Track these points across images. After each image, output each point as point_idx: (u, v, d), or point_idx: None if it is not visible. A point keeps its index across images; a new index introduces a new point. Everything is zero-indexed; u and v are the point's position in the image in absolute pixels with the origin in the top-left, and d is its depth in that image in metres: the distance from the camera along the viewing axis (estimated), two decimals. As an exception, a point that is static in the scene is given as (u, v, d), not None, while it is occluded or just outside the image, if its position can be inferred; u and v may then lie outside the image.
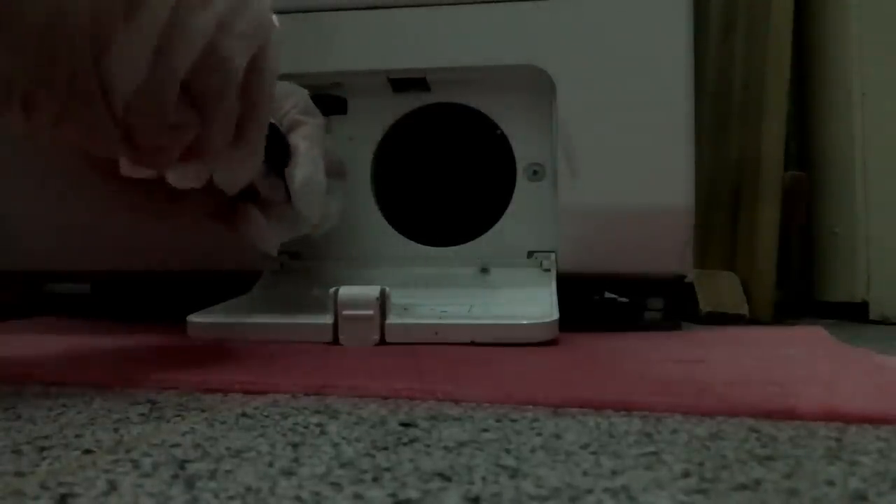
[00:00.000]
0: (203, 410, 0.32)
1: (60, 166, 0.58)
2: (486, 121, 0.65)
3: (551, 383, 0.38)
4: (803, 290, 0.96)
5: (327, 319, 0.50)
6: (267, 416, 0.31)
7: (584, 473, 0.23)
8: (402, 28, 0.61)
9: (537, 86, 0.61)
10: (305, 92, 0.52)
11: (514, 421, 0.30)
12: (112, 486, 0.22)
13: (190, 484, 0.22)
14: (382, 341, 0.50)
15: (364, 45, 0.62)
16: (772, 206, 0.86)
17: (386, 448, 0.26)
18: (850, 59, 0.87)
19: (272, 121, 0.46)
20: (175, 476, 0.23)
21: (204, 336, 0.52)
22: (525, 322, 0.50)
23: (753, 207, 0.87)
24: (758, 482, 0.22)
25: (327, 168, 0.50)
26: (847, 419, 0.30)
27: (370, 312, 0.50)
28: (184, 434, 0.28)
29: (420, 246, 0.65)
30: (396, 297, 0.51)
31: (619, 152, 0.59)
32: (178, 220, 0.47)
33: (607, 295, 0.81)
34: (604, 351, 0.49)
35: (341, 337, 0.50)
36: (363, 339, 0.50)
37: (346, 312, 0.50)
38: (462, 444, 0.27)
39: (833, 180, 0.91)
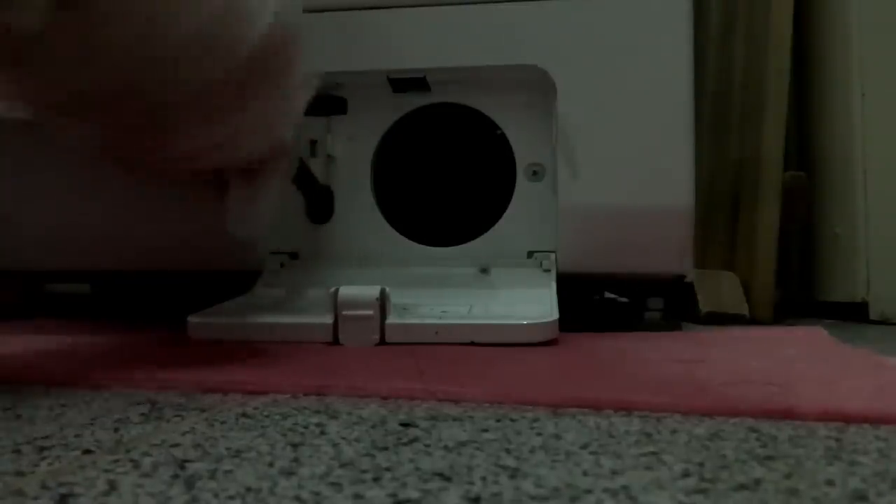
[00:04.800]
0: (203, 410, 0.32)
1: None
2: (486, 121, 0.65)
3: (551, 383, 0.38)
4: (803, 290, 0.96)
5: (327, 319, 0.50)
6: (267, 416, 0.31)
7: (584, 473, 0.23)
8: (402, 28, 0.61)
9: (537, 86, 0.61)
10: None
11: (514, 421, 0.30)
12: (112, 486, 0.22)
13: (190, 484, 0.22)
14: (382, 341, 0.50)
15: (364, 45, 0.62)
16: (772, 206, 0.86)
17: (386, 448, 0.26)
18: (850, 59, 0.87)
19: None
20: (175, 476, 0.23)
21: (204, 336, 0.52)
22: (525, 322, 0.50)
23: (753, 208, 0.87)
24: (758, 482, 0.22)
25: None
26: (847, 419, 0.30)
27: (370, 312, 0.50)
28: (184, 434, 0.28)
29: (420, 246, 0.65)
30: (396, 297, 0.51)
31: (619, 152, 0.59)
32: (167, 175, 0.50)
33: (607, 295, 0.81)
34: (604, 351, 0.49)
35: (341, 337, 0.50)
36: (363, 339, 0.50)
37: (346, 312, 0.50)
38: (462, 444, 0.27)
39: (833, 180, 0.91)
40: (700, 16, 0.84)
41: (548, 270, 0.61)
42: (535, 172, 0.64)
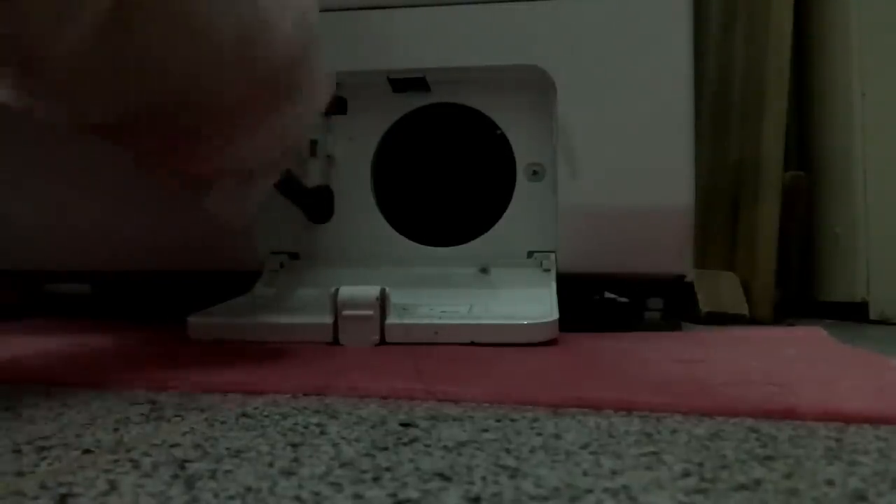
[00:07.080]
0: (203, 410, 0.32)
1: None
2: (486, 121, 0.65)
3: (551, 383, 0.38)
4: (803, 290, 0.96)
5: (327, 319, 0.50)
6: (267, 416, 0.31)
7: (584, 473, 0.23)
8: (402, 28, 0.61)
9: (537, 86, 0.61)
10: None
11: (514, 421, 0.30)
12: (112, 486, 0.22)
13: (190, 484, 0.22)
14: (382, 341, 0.50)
15: (364, 45, 0.62)
16: (772, 206, 0.86)
17: (386, 448, 0.26)
18: (850, 59, 0.87)
19: None
20: (175, 476, 0.23)
21: (204, 336, 0.52)
22: (525, 322, 0.50)
23: (753, 207, 0.87)
24: (758, 482, 0.22)
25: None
26: (847, 419, 0.30)
27: (370, 312, 0.50)
28: (184, 434, 0.28)
29: (420, 246, 0.65)
30: (396, 297, 0.51)
31: (619, 152, 0.59)
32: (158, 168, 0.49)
33: (607, 295, 0.81)
34: (604, 351, 0.49)
35: (341, 337, 0.50)
36: (363, 339, 0.50)
37: (346, 312, 0.50)
38: (462, 444, 0.27)
39: (833, 180, 0.91)
40: (700, 15, 0.84)
41: (548, 270, 0.61)
42: (535, 172, 0.64)
